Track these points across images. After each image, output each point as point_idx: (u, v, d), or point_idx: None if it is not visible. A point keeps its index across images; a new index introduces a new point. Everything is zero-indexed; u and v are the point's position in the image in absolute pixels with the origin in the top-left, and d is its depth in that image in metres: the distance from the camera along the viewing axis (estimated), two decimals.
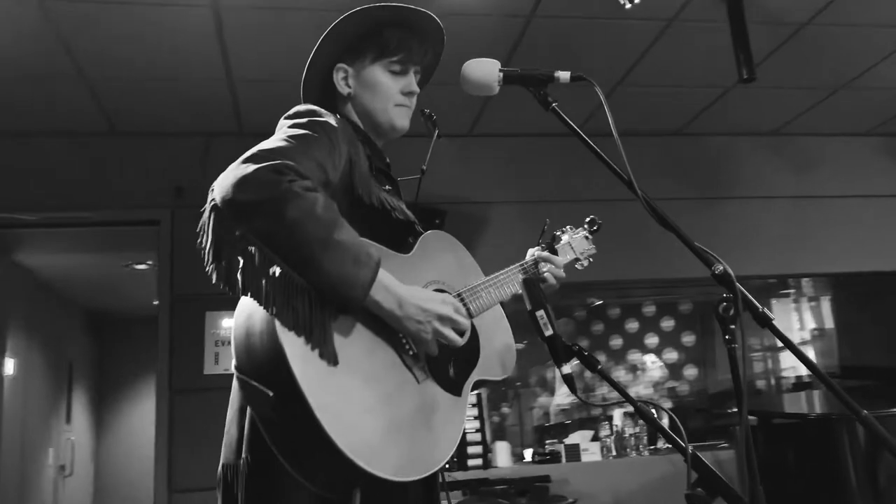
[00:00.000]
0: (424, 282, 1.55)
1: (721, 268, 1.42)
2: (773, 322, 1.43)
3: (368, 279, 1.32)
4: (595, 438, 4.34)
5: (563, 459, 4.16)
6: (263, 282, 1.26)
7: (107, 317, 7.82)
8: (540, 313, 1.48)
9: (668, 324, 7.08)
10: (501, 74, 1.62)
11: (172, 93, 3.84)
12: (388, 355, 1.40)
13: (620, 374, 6.62)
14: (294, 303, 1.27)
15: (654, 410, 1.64)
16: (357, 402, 1.29)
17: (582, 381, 6.98)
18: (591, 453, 4.22)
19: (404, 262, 1.52)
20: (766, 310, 1.45)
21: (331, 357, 1.28)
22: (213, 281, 1.28)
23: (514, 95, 1.78)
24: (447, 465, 1.48)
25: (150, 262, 5.49)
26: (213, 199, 1.29)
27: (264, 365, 1.27)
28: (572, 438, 4.34)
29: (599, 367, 1.47)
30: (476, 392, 4.36)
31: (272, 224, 1.26)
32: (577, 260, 1.99)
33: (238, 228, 1.27)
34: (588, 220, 2.07)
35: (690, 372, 6.99)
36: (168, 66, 3.60)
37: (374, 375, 1.35)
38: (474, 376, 1.56)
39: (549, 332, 1.47)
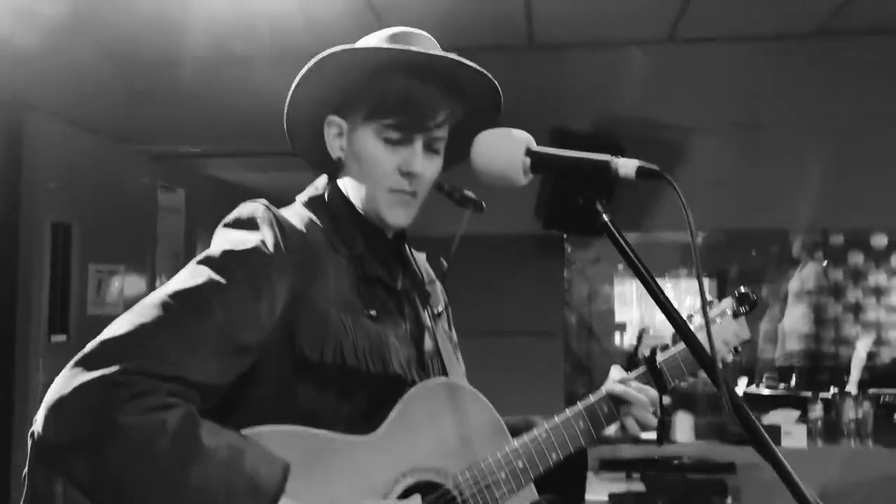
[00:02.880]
0: (398, 473, 1.07)
1: None
2: None
3: None
4: (802, 419, 3.60)
5: None
6: None
7: None
8: None
9: None
10: (528, 161, 1.01)
11: None
12: None
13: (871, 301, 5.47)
14: None
15: None
16: None
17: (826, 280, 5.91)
18: (795, 438, 3.52)
19: (364, 449, 1.05)
20: None
21: None
22: None
23: None
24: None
25: None
26: (32, 428, 0.90)
27: None
28: (772, 418, 3.63)
29: None
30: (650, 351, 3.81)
31: (91, 474, 0.88)
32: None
33: (54, 476, 0.91)
34: (739, 294, 1.39)
35: None
36: None
37: None
38: None
39: None
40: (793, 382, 4.84)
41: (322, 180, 1.24)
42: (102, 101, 3.78)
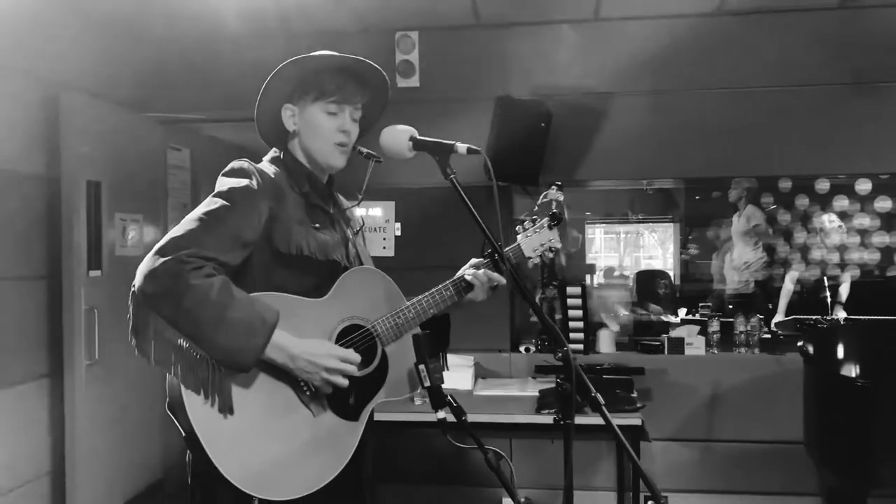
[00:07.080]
0: (338, 319, 1.84)
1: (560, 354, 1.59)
2: (604, 407, 1.59)
3: (260, 345, 1.65)
4: (702, 332, 4.40)
5: (665, 352, 4.31)
6: (171, 354, 1.66)
7: None
8: (421, 367, 1.75)
9: (863, 187, 6.47)
10: (411, 143, 1.78)
11: None
12: (286, 396, 1.75)
13: (802, 237, 6.26)
14: (196, 369, 1.65)
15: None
16: (250, 443, 1.68)
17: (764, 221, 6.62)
18: (696, 348, 4.31)
19: (318, 306, 1.81)
20: (598, 394, 1.60)
21: (226, 409, 1.66)
22: (136, 353, 1.70)
23: None
24: None
25: None
26: (133, 286, 1.65)
27: (178, 411, 1.69)
28: (678, 332, 4.44)
29: (463, 417, 1.72)
30: (580, 284, 4.55)
31: (173, 312, 1.61)
32: (528, 258, 2.04)
33: (149, 313, 1.65)
34: (551, 213, 2.05)
35: (881, 240, 6.46)
36: None
37: (269, 417, 1.72)
38: (377, 400, 1.86)
39: (427, 383, 1.75)
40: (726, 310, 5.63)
41: (273, 151, 1.97)
42: (121, 76, 4.47)
